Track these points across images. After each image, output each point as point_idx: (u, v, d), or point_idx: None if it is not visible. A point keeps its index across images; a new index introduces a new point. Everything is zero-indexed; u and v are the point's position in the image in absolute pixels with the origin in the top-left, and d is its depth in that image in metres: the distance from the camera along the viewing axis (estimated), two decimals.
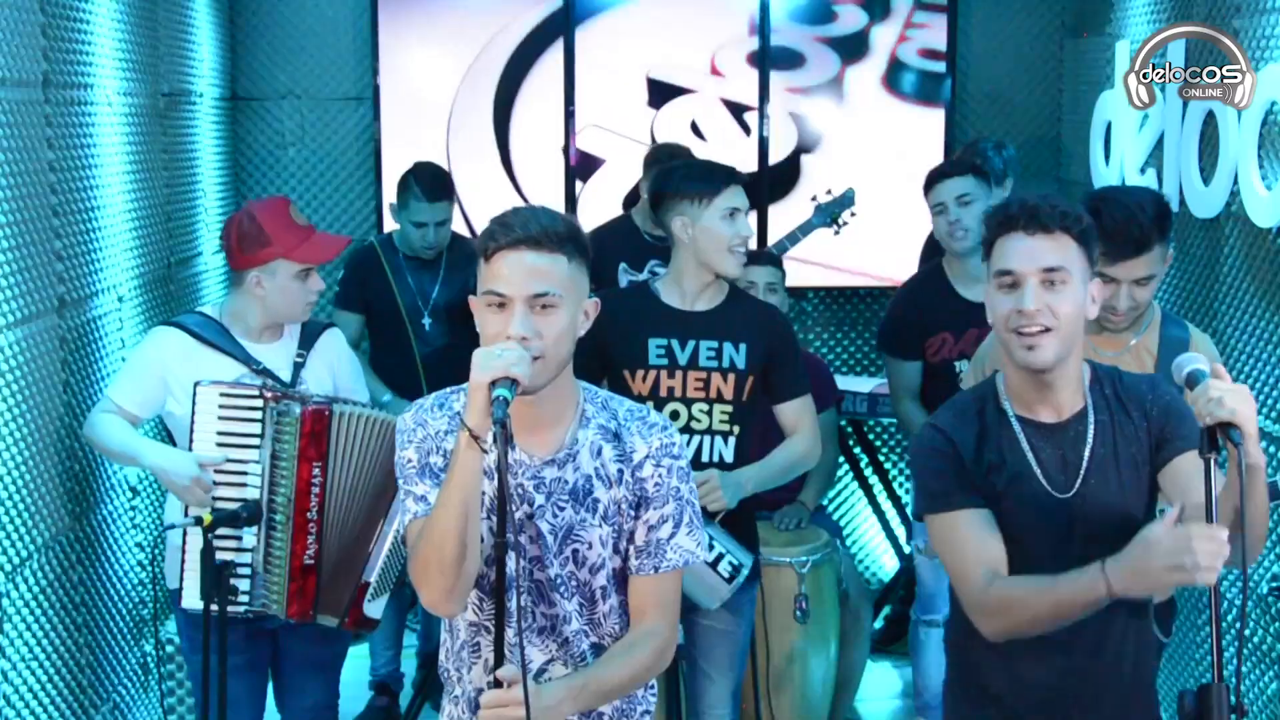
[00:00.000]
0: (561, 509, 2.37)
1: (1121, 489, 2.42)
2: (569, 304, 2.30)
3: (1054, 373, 2.40)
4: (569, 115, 5.57)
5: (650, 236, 4.71)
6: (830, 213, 5.01)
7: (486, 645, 2.41)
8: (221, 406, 3.31)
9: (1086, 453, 2.42)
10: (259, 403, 3.31)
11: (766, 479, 3.44)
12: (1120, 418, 2.44)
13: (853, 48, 5.61)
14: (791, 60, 5.61)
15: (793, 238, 5.01)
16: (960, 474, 2.43)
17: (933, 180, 4.23)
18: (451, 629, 2.48)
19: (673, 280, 3.44)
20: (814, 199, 5.10)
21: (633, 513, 2.41)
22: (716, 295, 3.44)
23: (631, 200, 5.24)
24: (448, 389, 2.44)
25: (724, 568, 3.29)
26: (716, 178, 3.38)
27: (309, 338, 3.53)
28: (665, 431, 2.44)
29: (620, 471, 2.40)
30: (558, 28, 5.57)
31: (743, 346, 3.39)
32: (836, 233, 5.02)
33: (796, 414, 3.48)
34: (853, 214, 5.04)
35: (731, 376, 3.38)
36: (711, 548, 3.27)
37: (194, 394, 3.31)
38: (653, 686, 2.57)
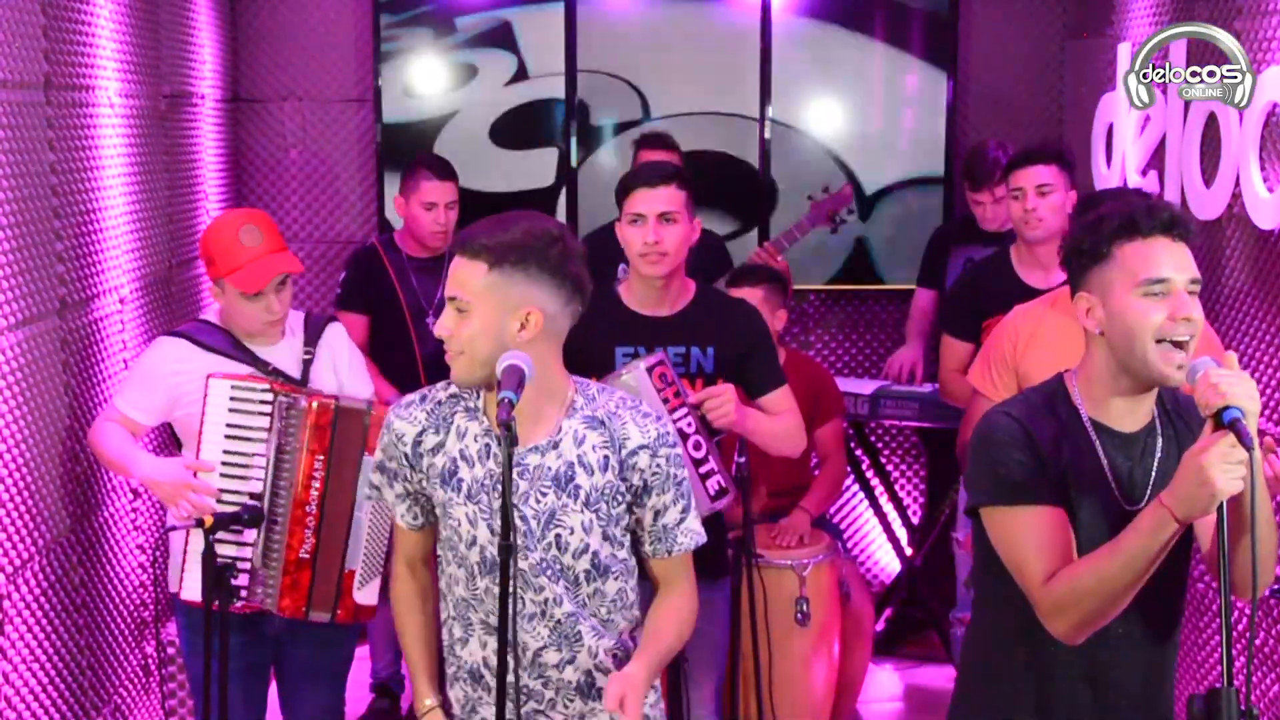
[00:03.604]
0: (544, 495, 2.47)
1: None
2: (482, 310, 2.42)
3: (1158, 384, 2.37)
4: (570, 113, 5.58)
5: None
6: (827, 210, 4.99)
7: (478, 620, 2.54)
8: (232, 399, 3.32)
9: (1155, 465, 2.39)
10: (269, 396, 3.31)
11: (761, 431, 3.39)
12: (1182, 432, 2.41)
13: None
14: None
15: (790, 236, 4.99)
16: (1034, 466, 2.35)
17: (1015, 164, 4.15)
18: (444, 611, 2.62)
19: (629, 284, 3.42)
20: (810, 197, 5.07)
21: (625, 498, 2.53)
22: (682, 297, 3.39)
23: None
24: (438, 384, 2.60)
25: (712, 485, 3.23)
26: (627, 183, 3.36)
27: (313, 334, 3.53)
28: (659, 422, 2.56)
29: (606, 459, 2.49)
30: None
31: (710, 350, 3.36)
32: (834, 230, 4.99)
33: (776, 403, 3.44)
34: (850, 211, 5.01)
35: (699, 382, 3.36)
36: (706, 460, 3.21)
37: (205, 386, 3.32)
38: (657, 688, 2.62)
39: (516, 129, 5.62)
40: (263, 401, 3.32)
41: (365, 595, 3.41)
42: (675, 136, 5.09)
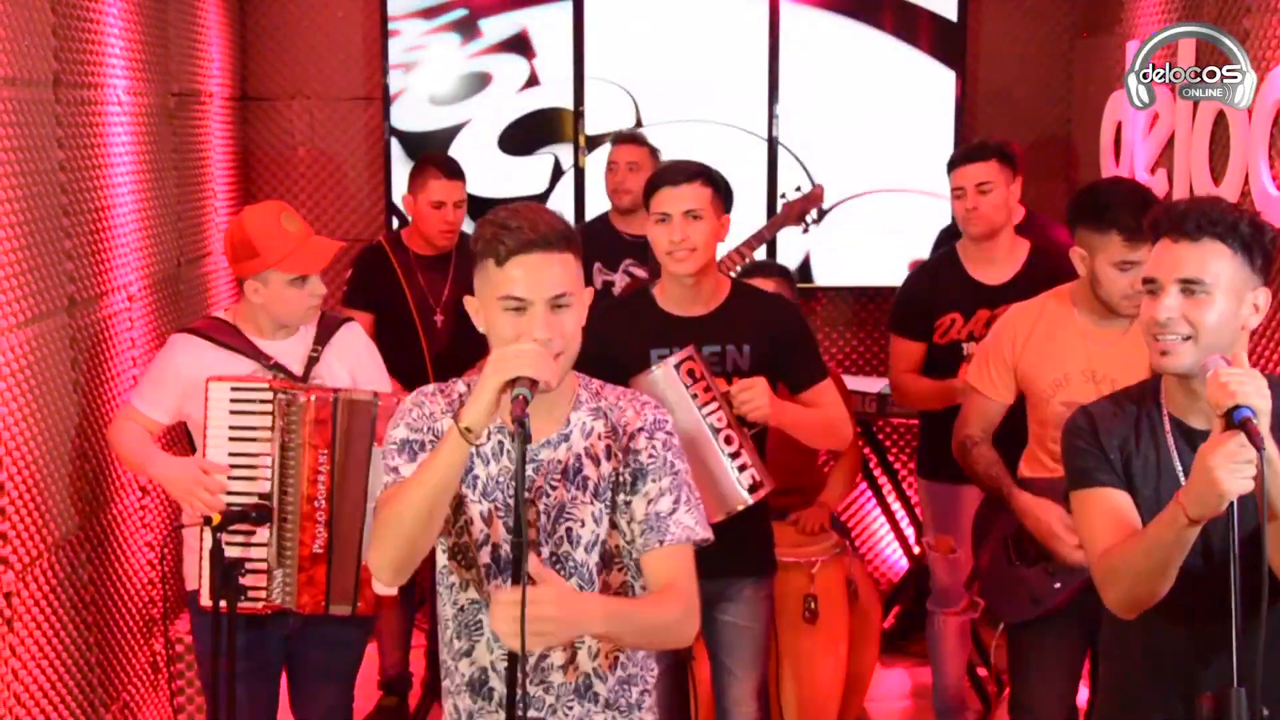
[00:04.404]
0: (554, 488, 2.43)
1: (1255, 503, 2.31)
2: (580, 300, 2.39)
3: (1197, 380, 2.38)
4: (578, 115, 5.59)
5: (628, 236, 4.82)
6: (798, 210, 4.95)
7: (486, 623, 2.45)
8: (233, 401, 3.33)
9: None
10: (268, 395, 3.32)
11: (802, 424, 3.38)
12: (1276, 434, 2.35)
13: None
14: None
15: (760, 237, 4.94)
16: (1098, 454, 2.47)
17: (955, 163, 4.16)
18: (445, 621, 2.53)
19: (662, 285, 3.42)
20: (782, 195, 5.01)
21: (629, 485, 2.43)
22: (716, 295, 3.39)
23: None
24: (453, 380, 2.52)
25: (746, 478, 3.19)
26: (652, 183, 3.36)
27: (325, 332, 3.53)
28: (658, 409, 2.50)
29: (609, 447, 2.45)
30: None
31: (746, 348, 3.36)
32: (805, 230, 4.93)
33: (819, 397, 3.42)
34: (822, 210, 4.96)
35: (735, 379, 3.35)
36: (739, 453, 3.18)
37: (205, 391, 3.32)
38: (653, 668, 2.57)
39: (524, 135, 5.62)
40: (263, 401, 3.32)
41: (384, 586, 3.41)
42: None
